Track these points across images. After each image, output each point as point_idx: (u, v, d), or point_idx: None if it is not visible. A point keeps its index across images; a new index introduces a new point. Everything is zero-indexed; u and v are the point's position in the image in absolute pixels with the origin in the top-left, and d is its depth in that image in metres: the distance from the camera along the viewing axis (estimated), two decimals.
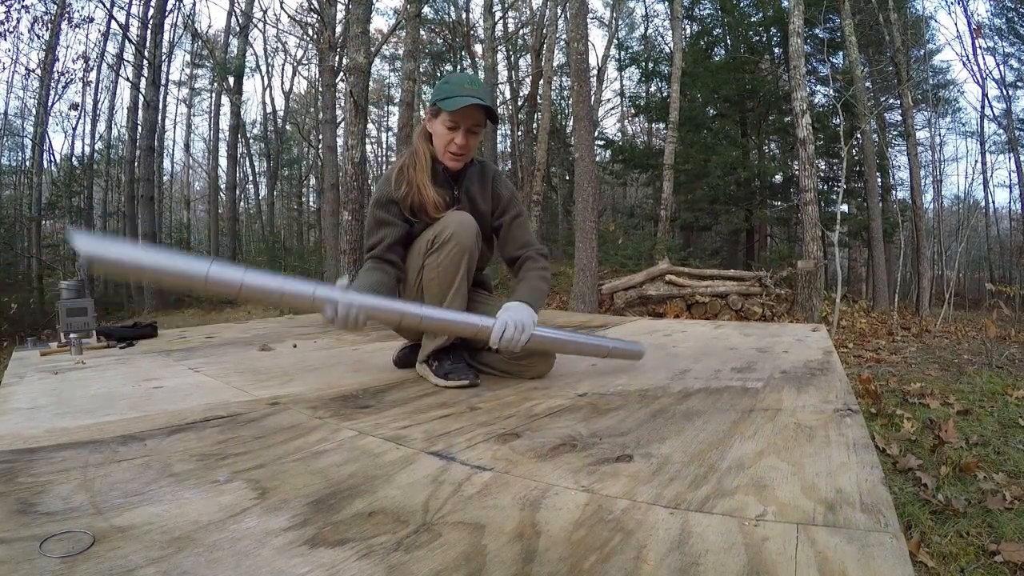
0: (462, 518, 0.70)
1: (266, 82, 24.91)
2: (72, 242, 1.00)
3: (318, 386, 1.47)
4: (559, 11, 12.02)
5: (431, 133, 1.49)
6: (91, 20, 12.34)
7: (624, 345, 1.63)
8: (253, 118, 21.23)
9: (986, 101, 13.76)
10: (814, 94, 11.42)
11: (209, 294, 1.12)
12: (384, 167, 22.34)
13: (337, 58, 9.13)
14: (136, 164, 12.13)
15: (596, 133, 13.36)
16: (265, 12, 18.42)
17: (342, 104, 7.71)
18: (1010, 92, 13.50)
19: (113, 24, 11.73)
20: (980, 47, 13.15)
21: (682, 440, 0.99)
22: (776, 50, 12.32)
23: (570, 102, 12.69)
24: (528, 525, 0.68)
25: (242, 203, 18.94)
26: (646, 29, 17.46)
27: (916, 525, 1.57)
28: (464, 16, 16.80)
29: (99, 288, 12.02)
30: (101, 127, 15.16)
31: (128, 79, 12.36)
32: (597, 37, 27.89)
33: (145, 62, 11.21)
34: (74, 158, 14.34)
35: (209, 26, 27.58)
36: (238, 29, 14.36)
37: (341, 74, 8.56)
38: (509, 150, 17.58)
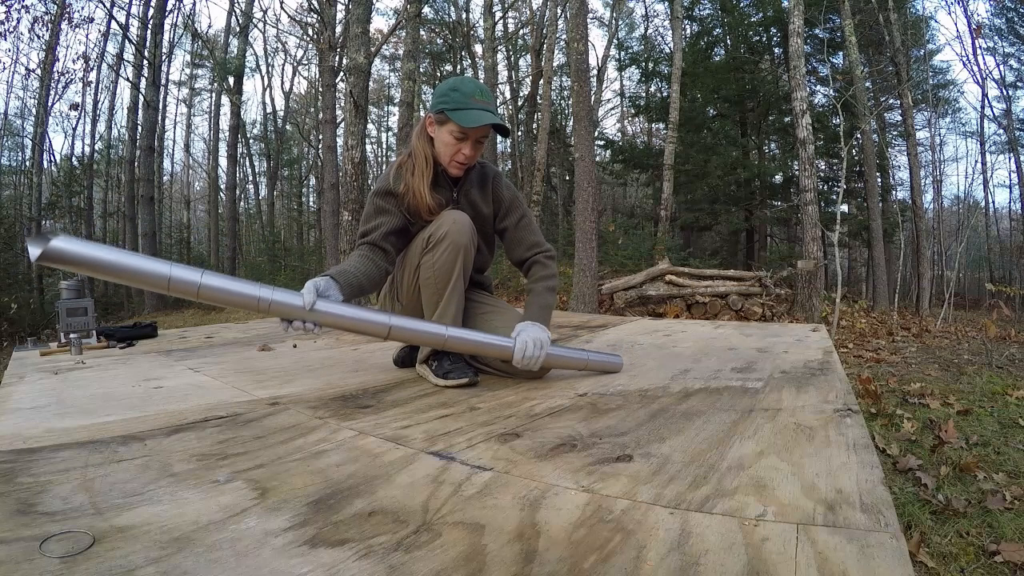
0: (462, 518, 0.70)
1: (266, 82, 24.97)
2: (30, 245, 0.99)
3: (318, 386, 1.47)
4: (559, 11, 12.02)
5: (432, 137, 1.47)
6: (91, 20, 12.38)
7: (603, 358, 1.61)
8: (253, 118, 21.28)
9: (986, 101, 13.79)
10: (814, 94, 11.43)
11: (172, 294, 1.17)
12: (384, 167, 22.35)
13: (337, 58, 9.13)
14: (136, 164, 12.14)
15: (596, 133, 13.37)
16: (265, 12, 18.41)
17: (342, 104, 7.70)
18: (1010, 92, 13.53)
19: (113, 24, 11.74)
20: (980, 47, 13.17)
21: (682, 440, 0.99)
22: (776, 50, 12.33)
23: (570, 102, 12.69)
24: (528, 525, 0.68)
25: (242, 203, 18.97)
26: (646, 29, 17.47)
27: (916, 525, 1.57)
28: (464, 16, 16.81)
29: (99, 288, 12.03)
30: (101, 127, 15.21)
31: (128, 79, 12.37)
32: (597, 37, 27.95)
33: (145, 62, 11.22)
34: (74, 158, 14.38)
35: (209, 26, 27.62)
36: (238, 29, 14.37)
37: (341, 74, 8.56)
38: (509, 150, 17.58)
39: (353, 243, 5.82)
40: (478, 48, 15.79)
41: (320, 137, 13.18)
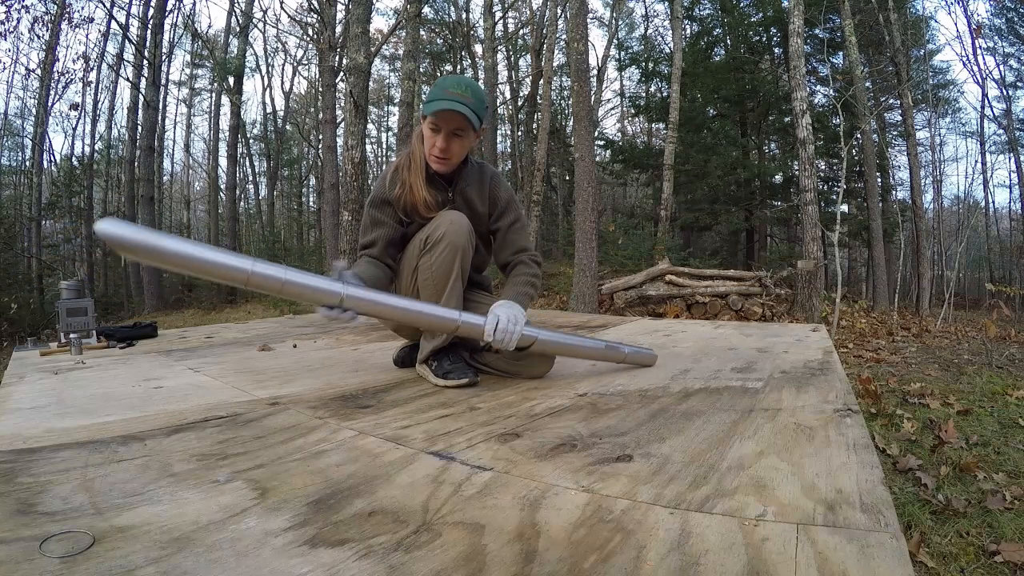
0: (462, 518, 0.70)
1: (266, 82, 24.95)
2: (101, 227, 0.95)
3: (318, 386, 1.47)
4: (559, 11, 12.02)
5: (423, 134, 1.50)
6: (91, 20, 12.38)
7: (637, 351, 1.64)
8: (253, 118, 21.27)
9: (986, 101, 13.79)
10: (814, 94, 11.42)
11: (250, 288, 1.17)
12: (384, 167, 22.30)
13: (337, 58, 9.12)
14: (136, 164, 12.14)
15: (596, 133, 13.37)
16: (265, 12, 18.40)
17: (342, 104, 7.70)
18: (1010, 92, 13.52)
19: (113, 24, 11.73)
20: (980, 47, 13.17)
21: (682, 440, 0.99)
22: (776, 50, 12.33)
23: (570, 102, 12.68)
24: (528, 525, 0.68)
25: (242, 203, 18.95)
26: (646, 29, 17.46)
27: (916, 525, 1.57)
28: (464, 16, 16.80)
29: (99, 288, 12.03)
30: (101, 127, 15.18)
31: (128, 79, 12.37)
32: (597, 37, 27.94)
33: (145, 62, 11.22)
34: (74, 158, 14.35)
35: (209, 26, 27.60)
36: (238, 29, 14.36)
37: (341, 74, 8.56)
38: (509, 150, 17.58)
39: (353, 244, 5.84)
40: (478, 48, 15.81)
41: (320, 137, 13.18)
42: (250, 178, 19.69)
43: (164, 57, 12.87)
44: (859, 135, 9.84)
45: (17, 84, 15.37)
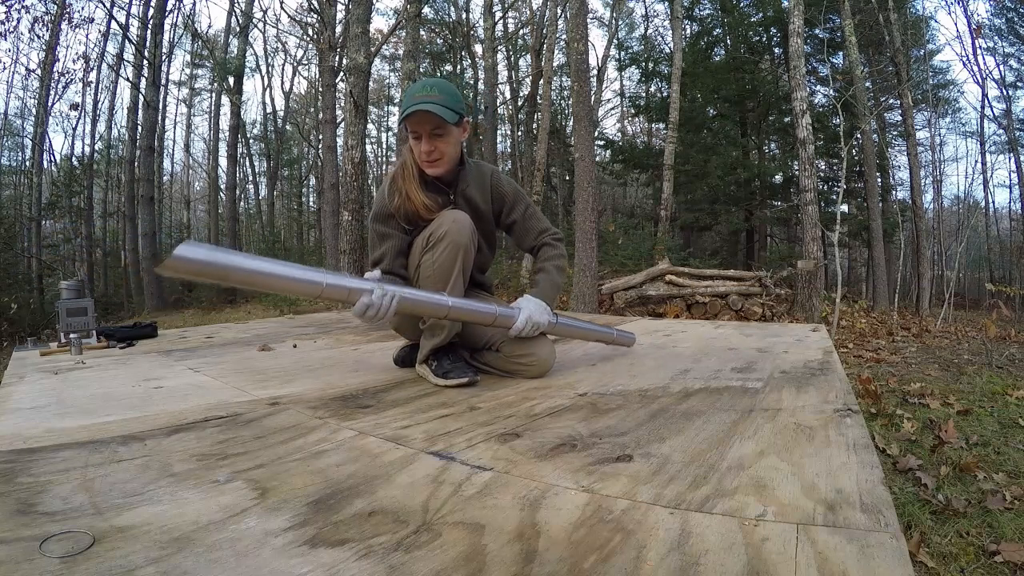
0: (462, 518, 0.70)
1: (266, 82, 24.98)
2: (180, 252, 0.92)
3: (318, 386, 1.47)
4: (559, 11, 12.01)
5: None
6: (91, 20, 12.39)
7: (617, 334, 1.83)
8: (253, 118, 21.28)
9: (986, 101, 13.79)
10: (814, 94, 11.42)
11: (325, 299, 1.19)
12: (384, 167, 22.38)
13: (337, 58, 9.12)
14: (136, 164, 12.15)
15: (596, 133, 13.36)
16: (265, 12, 18.39)
17: (342, 104, 7.70)
18: (1010, 92, 13.53)
19: (113, 24, 11.73)
20: (980, 47, 13.18)
21: (682, 440, 0.99)
22: (776, 50, 12.34)
23: (570, 102, 12.67)
24: (528, 525, 0.68)
25: (242, 203, 18.97)
26: (646, 29, 17.45)
27: (916, 525, 1.57)
28: (464, 16, 16.79)
29: (99, 288, 12.04)
30: (101, 127, 15.19)
31: (128, 79, 12.37)
32: (597, 37, 27.94)
33: (145, 62, 11.22)
34: (74, 158, 14.36)
35: (209, 26, 27.61)
36: (238, 29, 14.37)
37: (341, 74, 8.56)
38: (509, 150, 17.56)
39: (353, 244, 5.83)
40: (478, 48, 15.79)
41: (320, 137, 13.18)
42: (250, 178, 19.70)
43: (164, 57, 12.87)
44: (859, 135, 9.84)
45: (17, 84, 15.43)
